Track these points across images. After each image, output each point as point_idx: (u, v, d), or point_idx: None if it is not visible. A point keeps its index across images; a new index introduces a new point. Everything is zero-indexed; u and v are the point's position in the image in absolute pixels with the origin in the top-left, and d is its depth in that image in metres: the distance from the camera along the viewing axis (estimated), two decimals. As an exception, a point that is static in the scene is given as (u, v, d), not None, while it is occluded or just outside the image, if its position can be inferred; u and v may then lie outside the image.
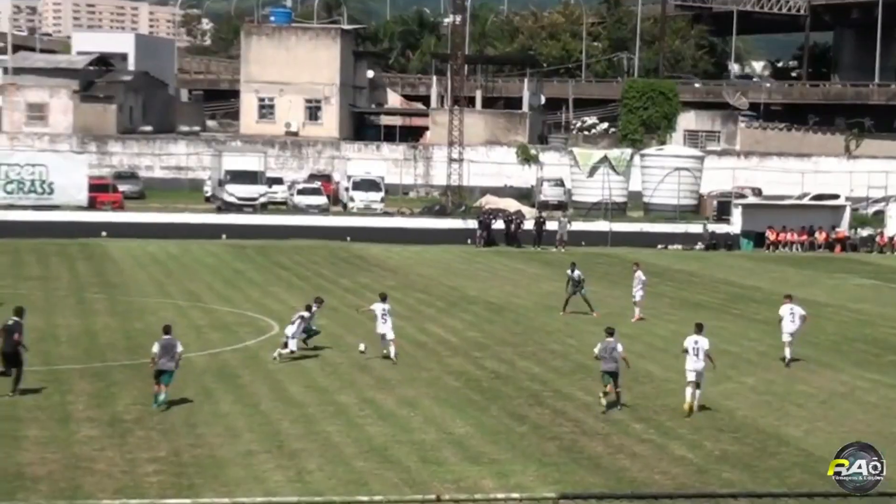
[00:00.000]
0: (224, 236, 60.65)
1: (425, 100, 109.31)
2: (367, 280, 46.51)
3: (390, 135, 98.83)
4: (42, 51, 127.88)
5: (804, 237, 66.13)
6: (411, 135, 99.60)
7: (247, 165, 70.20)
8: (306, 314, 30.75)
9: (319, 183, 75.28)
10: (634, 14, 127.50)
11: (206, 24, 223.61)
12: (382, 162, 79.87)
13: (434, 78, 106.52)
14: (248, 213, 66.41)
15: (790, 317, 31.78)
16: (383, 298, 31.24)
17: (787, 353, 31.62)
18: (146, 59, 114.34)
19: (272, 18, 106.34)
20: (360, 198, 71.12)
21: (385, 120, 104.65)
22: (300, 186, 73.61)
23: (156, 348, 24.87)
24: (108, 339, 32.24)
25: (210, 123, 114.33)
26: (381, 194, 71.72)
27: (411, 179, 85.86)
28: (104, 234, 58.86)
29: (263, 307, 38.89)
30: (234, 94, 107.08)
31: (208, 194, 75.55)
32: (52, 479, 19.75)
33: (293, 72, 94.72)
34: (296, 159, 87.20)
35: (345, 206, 72.33)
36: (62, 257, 50.70)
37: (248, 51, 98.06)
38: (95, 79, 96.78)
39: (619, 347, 25.80)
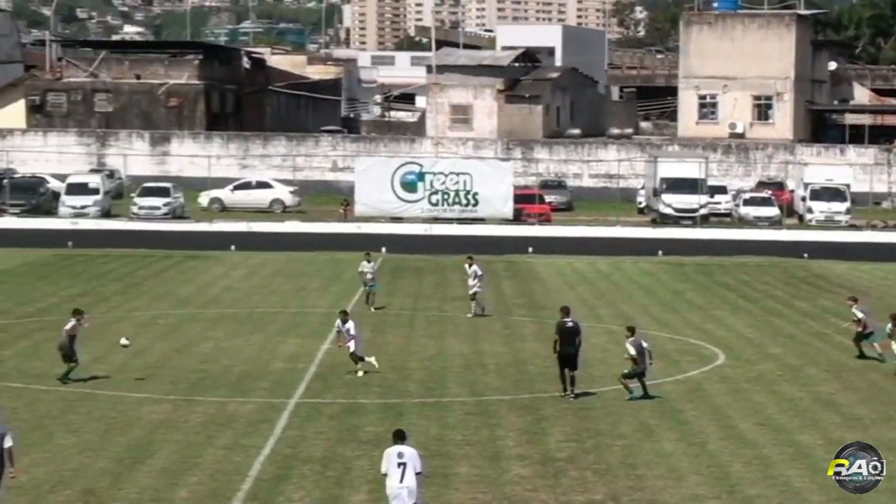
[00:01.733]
0: (660, 252, 60.90)
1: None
2: (829, 303, 45.43)
3: (857, 136, 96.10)
4: (465, 46, 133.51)
5: None
6: (884, 135, 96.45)
7: (685, 172, 70.25)
8: None
9: (770, 192, 74.30)
10: None
11: (640, 13, 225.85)
12: (847, 167, 77.73)
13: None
14: (687, 227, 66.41)
15: None
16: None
17: None
18: (574, 53, 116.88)
19: (716, 5, 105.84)
20: (820, 209, 69.69)
21: (850, 118, 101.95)
22: (747, 196, 72.98)
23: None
24: (538, 368, 33.14)
25: (643, 125, 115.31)
26: (847, 204, 69.94)
27: (884, 187, 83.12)
28: (530, 249, 60.49)
29: (706, 333, 38.86)
30: (671, 91, 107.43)
31: (642, 205, 76.25)
32: (483, 521, 20.58)
33: (739, 65, 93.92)
34: (742, 165, 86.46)
35: (801, 217, 71.05)
36: (487, 275, 52.58)
37: (688, 42, 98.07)
38: (521, 76, 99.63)
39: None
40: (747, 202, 71.67)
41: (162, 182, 74.64)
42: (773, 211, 69.99)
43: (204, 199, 74.80)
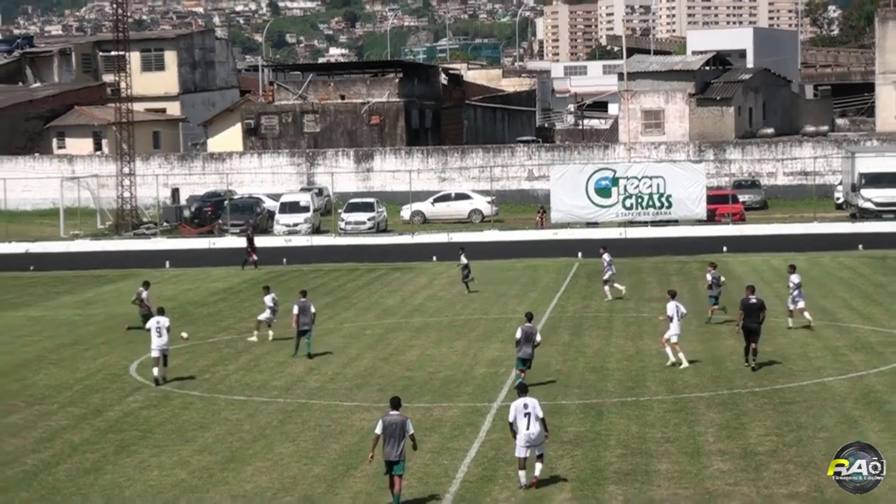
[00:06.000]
0: (860, 246, 59.66)
1: None
2: None
3: None
4: (656, 53, 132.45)
5: None
6: None
7: (885, 167, 68.87)
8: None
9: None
10: None
11: (834, 12, 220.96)
12: None
13: None
14: (889, 220, 64.86)
15: None
16: None
17: None
18: (766, 54, 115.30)
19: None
20: None
21: None
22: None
23: (378, 429, 21.19)
24: (735, 365, 32.72)
25: (839, 122, 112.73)
26: None
27: None
28: (725, 248, 59.79)
29: (909, 326, 37.87)
30: (869, 87, 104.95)
31: (839, 201, 74.71)
32: (685, 515, 20.40)
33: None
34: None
35: None
36: (683, 276, 52.10)
37: (884, 38, 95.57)
38: (712, 80, 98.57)
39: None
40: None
41: (366, 197, 75.91)
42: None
43: (406, 212, 75.79)
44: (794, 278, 38.38)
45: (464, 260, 48.80)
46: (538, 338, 30.85)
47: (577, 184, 68.13)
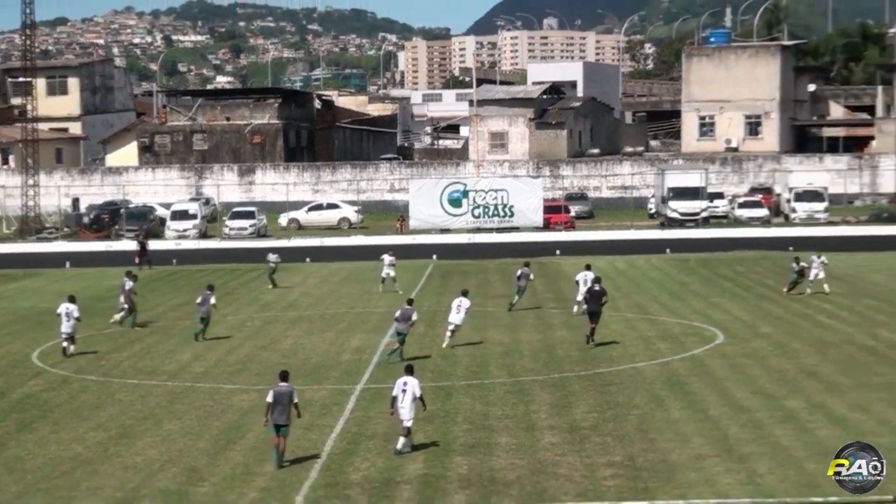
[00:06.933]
0: (668, 250, 60.70)
1: (870, 110, 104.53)
2: (810, 289, 45.03)
3: (833, 146, 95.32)
4: (501, 83, 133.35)
5: None
6: (855, 145, 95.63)
7: (688, 182, 70.14)
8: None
9: (760, 196, 73.92)
10: None
11: (649, 49, 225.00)
12: (825, 173, 77.35)
13: (879, 88, 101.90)
14: (691, 228, 66.19)
15: None
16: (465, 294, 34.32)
17: None
18: (593, 85, 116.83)
19: (712, 39, 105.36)
20: (803, 209, 69.29)
21: (827, 132, 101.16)
22: (741, 200, 72.73)
23: (269, 397, 22.10)
24: (565, 352, 33.12)
25: (653, 143, 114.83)
26: (825, 204, 69.50)
27: (856, 188, 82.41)
28: (558, 252, 60.44)
29: (707, 317, 38.66)
30: (676, 114, 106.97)
31: (652, 211, 76.00)
32: (521, 483, 20.50)
33: (733, 89, 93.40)
34: (736, 174, 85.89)
35: (786, 217, 70.61)
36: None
37: (689, 72, 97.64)
38: (548, 106, 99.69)
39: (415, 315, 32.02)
40: (741, 205, 71.37)
41: (248, 206, 75.15)
42: (762, 212, 69.66)
43: (283, 219, 75.23)
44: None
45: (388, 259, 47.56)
46: (415, 316, 32.15)
47: (433, 195, 68.37)
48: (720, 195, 74.40)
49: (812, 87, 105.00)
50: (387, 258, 47.73)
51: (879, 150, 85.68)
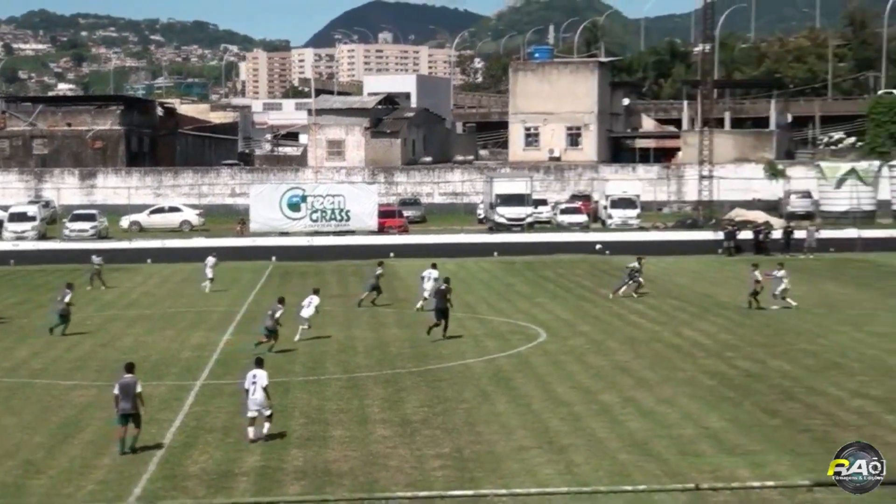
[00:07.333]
0: (496, 253, 61.34)
1: (677, 123, 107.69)
2: (625, 289, 46.12)
3: (645, 156, 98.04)
4: (339, 93, 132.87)
5: None
6: (664, 156, 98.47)
7: (515, 189, 70.99)
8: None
9: (580, 203, 75.35)
10: (880, 35, 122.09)
11: (478, 64, 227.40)
12: (637, 181, 79.20)
13: (685, 103, 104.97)
14: (517, 232, 67.03)
15: None
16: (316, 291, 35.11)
17: None
18: (426, 96, 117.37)
19: (536, 55, 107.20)
20: (618, 215, 70.85)
21: (639, 143, 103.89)
22: (563, 206, 73.90)
23: (116, 389, 22.34)
24: (398, 349, 33.14)
25: (482, 152, 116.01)
26: (637, 211, 71.22)
27: (665, 196, 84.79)
28: (392, 255, 60.46)
29: (532, 317, 39.19)
30: (503, 125, 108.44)
31: (481, 216, 76.72)
32: (354, 475, 20.39)
33: (555, 103, 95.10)
34: (558, 182, 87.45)
35: (603, 222, 72.13)
36: (358, 277, 52.42)
37: (515, 85, 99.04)
38: (383, 116, 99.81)
39: None
40: (563, 211, 72.51)
41: (90, 209, 73.12)
42: (582, 218, 70.94)
43: (125, 222, 73.40)
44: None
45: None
46: (279, 313, 32.20)
47: (273, 200, 67.68)
48: (544, 202, 75.52)
49: (626, 101, 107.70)
50: (210, 259, 47.43)
51: (685, 161, 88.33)
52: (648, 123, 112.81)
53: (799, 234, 61.31)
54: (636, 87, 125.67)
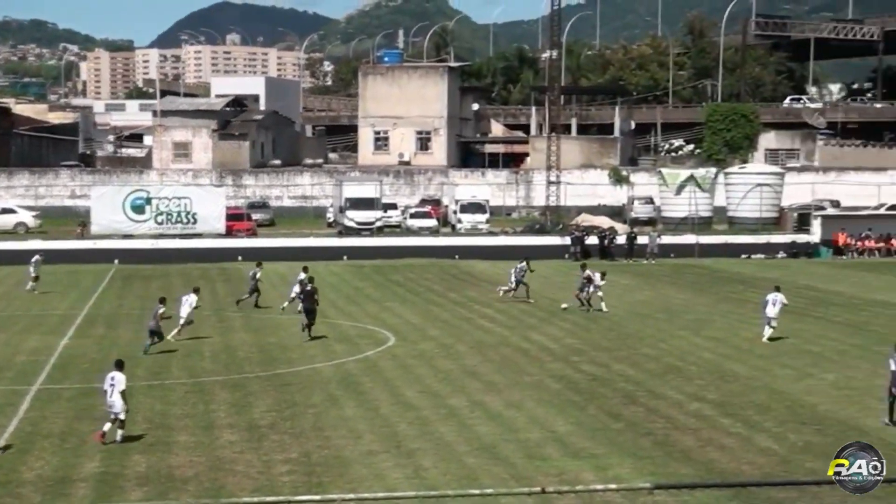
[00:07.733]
0: (345, 257, 61.21)
1: (525, 128, 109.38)
2: (474, 294, 46.63)
3: (494, 161, 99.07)
4: (185, 95, 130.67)
5: (881, 244, 64.65)
6: (513, 161, 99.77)
7: (364, 193, 70.94)
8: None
9: (430, 207, 75.74)
10: (717, 44, 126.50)
11: (328, 67, 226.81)
12: (487, 186, 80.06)
13: (533, 108, 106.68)
14: (366, 236, 66.99)
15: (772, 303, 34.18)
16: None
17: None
18: (275, 99, 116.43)
19: (386, 59, 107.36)
20: (467, 219, 71.45)
21: (489, 148, 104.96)
22: (412, 211, 74.20)
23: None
24: (245, 354, 32.75)
25: (332, 156, 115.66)
26: (486, 216, 71.95)
27: (513, 201, 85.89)
28: (240, 258, 59.75)
29: (381, 321, 39.20)
30: (353, 128, 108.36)
31: (331, 220, 76.48)
32: (199, 480, 20.07)
33: (405, 107, 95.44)
34: (408, 186, 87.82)
35: (453, 227, 72.64)
36: (205, 280, 51.59)
37: (365, 89, 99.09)
38: (231, 118, 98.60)
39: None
40: (413, 216, 72.83)
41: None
42: (432, 222, 71.35)
43: (-45, 223, 70.74)
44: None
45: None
46: (161, 310, 32.52)
47: (116, 202, 66.12)
48: (394, 206, 75.68)
49: (476, 106, 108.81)
50: (35, 258, 46.88)
51: (533, 166, 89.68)
52: (497, 128, 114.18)
53: (642, 239, 62.86)
54: (485, 92, 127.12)
